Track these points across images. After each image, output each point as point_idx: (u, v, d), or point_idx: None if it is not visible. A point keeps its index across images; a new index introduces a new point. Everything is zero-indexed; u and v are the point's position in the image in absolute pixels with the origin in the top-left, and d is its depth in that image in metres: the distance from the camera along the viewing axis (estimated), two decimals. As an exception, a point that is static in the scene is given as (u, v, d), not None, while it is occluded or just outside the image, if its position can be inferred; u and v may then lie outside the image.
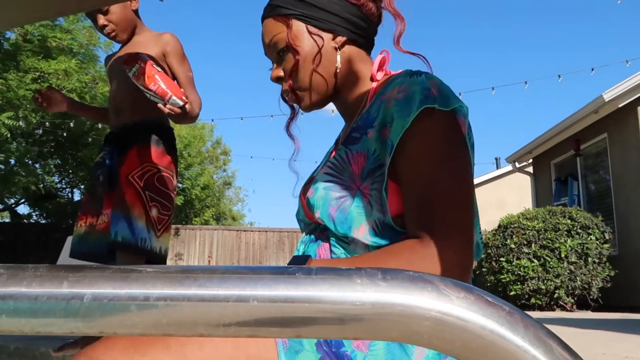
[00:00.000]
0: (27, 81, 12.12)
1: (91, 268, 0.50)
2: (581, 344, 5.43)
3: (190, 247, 19.85)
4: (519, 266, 11.58)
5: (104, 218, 3.05)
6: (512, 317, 0.48)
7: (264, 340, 1.23)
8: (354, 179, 1.33)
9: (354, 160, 1.35)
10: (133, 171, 3.03)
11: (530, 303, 11.60)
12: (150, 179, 3.05)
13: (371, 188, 1.29)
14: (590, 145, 13.78)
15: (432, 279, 0.49)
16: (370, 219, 1.28)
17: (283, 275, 0.49)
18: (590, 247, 11.32)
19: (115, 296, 0.48)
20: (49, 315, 0.48)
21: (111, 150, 3.18)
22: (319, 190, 1.38)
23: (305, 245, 1.44)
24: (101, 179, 3.12)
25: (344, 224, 1.30)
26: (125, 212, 2.96)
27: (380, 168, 1.30)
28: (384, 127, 1.31)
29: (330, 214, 1.33)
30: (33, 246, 18.51)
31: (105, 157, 3.18)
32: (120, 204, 2.98)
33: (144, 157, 3.07)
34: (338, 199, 1.32)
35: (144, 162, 3.06)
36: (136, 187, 3.01)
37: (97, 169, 3.20)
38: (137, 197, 3.00)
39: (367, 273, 0.49)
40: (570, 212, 11.82)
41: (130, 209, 2.97)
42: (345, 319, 0.48)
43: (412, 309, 0.47)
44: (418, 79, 1.31)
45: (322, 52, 1.46)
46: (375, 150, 1.31)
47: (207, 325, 0.48)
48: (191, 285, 0.49)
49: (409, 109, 1.26)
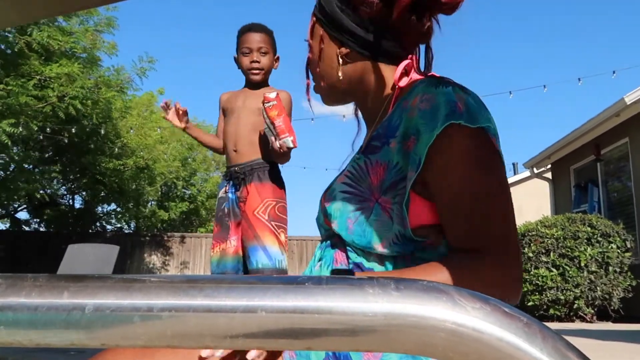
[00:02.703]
0: (29, 87, 12.14)
1: (93, 278, 0.50)
2: (601, 357, 5.40)
3: (196, 255, 19.89)
4: (537, 276, 11.53)
5: (233, 242, 3.85)
6: (530, 329, 0.47)
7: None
8: (373, 191, 1.33)
9: (373, 171, 1.35)
10: (257, 208, 3.78)
11: (548, 314, 11.55)
12: (272, 211, 3.79)
13: (393, 202, 1.29)
14: (611, 150, 13.73)
15: (447, 288, 0.49)
16: (391, 232, 1.28)
17: (292, 285, 0.49)
18: (611, 256, 11.26)
19: (117, 307, 0.48)
20: (49, 327, 0.48)
21: (232, 185, 3.93)
22: (336, 201, 1.39)
23: (322, 250, 1.45)
24: (226, 210, 3.90)
25: (363, 238, 1.31)
26: (260, 243, 3.71)
27: (402, 182, 1.30)
28: (407, 139, 1.31)
29: (348, 227, 1.33)
30: (33, 255, 18.55)
31: (228, 191, 3.94)
32: (255, 237, 3.74)
33: (264, 193, 3.81)
34: (355, 211, 1.33)
35: (264, 197, 3.80)
36: (263, 220, 3.75)
37: (222, 202, 3.96)
38: (267, 228, 3.74)
39: (380, 283, 0.49)
40: (590, 219, 11.77)
41: (263, 239, 3.71)
42: (357, 330, 0.48)
43: (426, 319, 0.47)
44: (444, 90, 1.30)
45: (325, 57, 1.55)
46: (398, 163, 1.31)
47: (213, 336, 0.48)
48: (197, 296, 0.48)
49: (434, 122, 1.25)
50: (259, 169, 3.85)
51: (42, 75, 12.72)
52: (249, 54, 3.89)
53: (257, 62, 3.89)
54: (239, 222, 3.86)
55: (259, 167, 3.85)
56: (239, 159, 3.90)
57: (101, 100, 14.33)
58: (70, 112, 13.08)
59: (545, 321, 11.03)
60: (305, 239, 19.81)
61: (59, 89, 12.81)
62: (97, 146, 16.86)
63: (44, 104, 12.78)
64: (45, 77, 12.77)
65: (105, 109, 15.02)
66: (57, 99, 12.87)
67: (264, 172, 3.85)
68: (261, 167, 3.86)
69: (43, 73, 12.69)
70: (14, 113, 12.10)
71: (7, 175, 15.80)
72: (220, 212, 3.94)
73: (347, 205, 1.35)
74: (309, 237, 19.85)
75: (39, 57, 12.75)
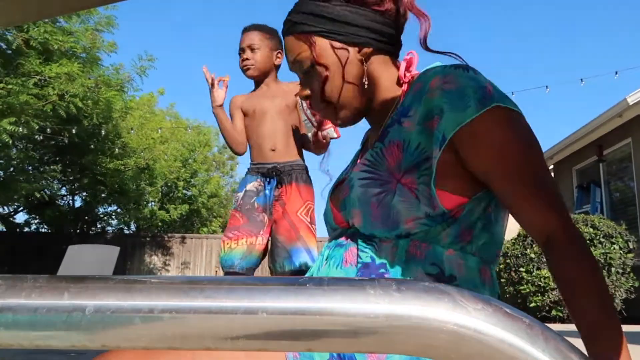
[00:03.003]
0: (30, 86, 12.13)
1: (93, 279, 0.50)
2: (605, 358, 5.37)
3: (197, 256, 19.87)
4: (539, 277, 11.52)
5: (263, 240, 3.88)
6: (532, 330, 0.47)
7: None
8: (392, 172, 1.34)
9: (387, 152, 1.37)
10: (300, 209, 3.82)
11: (551, 315, 11.55)
12: (312, 214, 3.87)
13: (418, 182, 1.30)
14: (613, 151, 13.72)
15: (449, 289, 0.49)
16: (418, 212, 1.29)
17: (293, 286, 0.49)
18: (613, 257, 11.25)
19: (118, 308, 0.48)
20: (49, 328, 0.48)
21: (266, 182, 3.98)
22: (355, 188, 1.39)
23: (330, 250, 1.45)
24: (256, 205, 3.93)
25: (388, 220, 1.31)
26: (304, 245, 3.75)
27: (426, 162, 1.31)
28: (429, 119, 1.32)
29: (372, 212, 1.33)
30: (33, 256, 18.53)
31: (260, 187, 3.98)
32: (299, 239, 3.77)
33: (305, 195, 3.88)
34: (379, 195, 1.33)
35: (305, 199, 3.87)
36: (306, 222, 3.81)
37: (251, 195, 3.96)
38: (309, 230, 3.81)
39: (381, 283, 0.49)
40: (593, 220, 11.76)
41: (307, 241, 3.77)
42: (358, 332, 0.48)
43: (428, 321, 0.47)
44: (468, 74, 1.32)
45: (349, 66, 1.46)
46: (420, 143, 1.32)
47: (214, 338, 0.48)
48: (197, 297, 0.48)
49: (462, 103, 1.27)
50: (299, 170, 3.95)
51: (42, 75, 12.71)
52: (242, 53, 4.00)
53: (247, 59, 3.97)
54: (272, 220, 3.91)
55: (299, 169, 3.95)
56: (278, 158, 3.97)
57: (101, 100, 14.31)
58: (71, 110, 13.05)
59: (547, 322, 11.02)
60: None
61: (59, 87, 12.79)
62: (97, 146, 16.84)
63: (44, 103, 12.78)
64: (45, 77, 12.76)
65: (105, 108, 14.99)
66: (58, 97, 12.85)
67: (302, 173, 3.95)
68: (301, 168, 3.97)
69: (43, 73, 12.68)
70: (15, 112, 12.10)
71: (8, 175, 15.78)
72: (248, 204, 3.94)
73: (368, 190, 1.35)
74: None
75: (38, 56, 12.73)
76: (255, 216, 3.91)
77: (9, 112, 12.02)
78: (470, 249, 1.33)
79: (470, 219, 1.32)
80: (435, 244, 1.31)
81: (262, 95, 4.09)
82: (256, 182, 3.99)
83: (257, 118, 4.06)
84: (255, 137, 4.07)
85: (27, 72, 12.54)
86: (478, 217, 1.33)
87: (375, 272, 1.31)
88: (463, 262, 1.31)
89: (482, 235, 1.34)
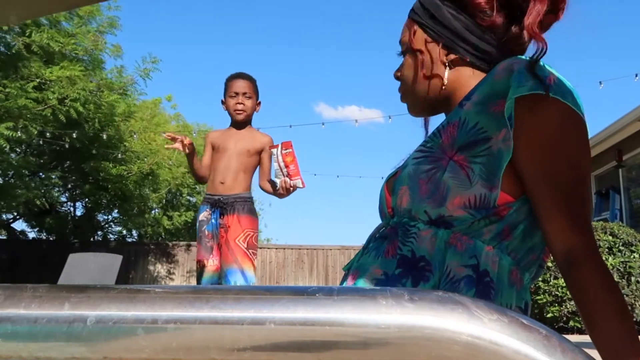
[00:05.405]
0: (29, 89, 12.14)
1: (95, 288, 0.50)
2: (625, 371, 5.35)
3: (202, 265, 19.85)
4: (556, 286, 11.48)
5: (215, 262, 4.72)
6: (549, 341, 0.47)
7: None
8: (444, 149, 1.37)
9: (444, 132, 1.40)
10: (238, 236, 4.63)
11: (568, 326, 11.50)
12: (250, 240, 4.67)
13: (472, 162, 1.32)
14: (633, 156, 13.65)
15: (463, 299, 0.49)
16: (469, 192, 1.31)
17: (302, 296, 0.49)
18: (633, 266, 11.20)
19: (120, 318, 0.48)
20: (49, 339, 0.48)
21: (213, 212, 4.77)
22: (407, 167, 1.43)
23: (376, 241, 1.48)
24: (206, 232, 4.77)
25: (435, 194, 1.33)
26: (239, 267, 4.57)
27: (485, 142, 1.32)
28: (493, 100, 1.34)
29: (420, 187, 1.37)
30: (33, 264, 18.54)
31: (209, 216, 4.78)
32: (235, 261, 4.58)
33: (244, 224, 4.67)
34: (429, 171, 1.36)
35: (244, 228, 4.66)
36: (242, 248, 4.62)
37: (203, 224, 4.80)
38: (245, 255, 4.62)
39: (393, 293, 0.49)
40: (612, 227, 11.71)
41: (242, 264, 4.58)
42: (369, 343, 0.47)
43: (441, 332, 0.47)
44: (537, 64, 1.33)
45: (431, 64, 1.52)
46: (478, 122, 1.34)
47: (219, 349, 0.48)
48: (203, 307, 0.48)
49: (521, 81, 1.28)
50: (241, 202, 4.75)
51: (42, 78, 12.73)
52: (235, 97, 4.78)
53: (242, 104, 4.78)
54: (219, 244, 4.75)
55: (242, 200, 4.76)
56: (223, 191, 4.78)
57: (104, 104, 14.31)
58: (71, 115, 13.04)
59: (565, 333, 10.98)
60: (316, 248, 19.77)
61: (59, 91, 12.80)
62: (99, 152, 16.82)
63: (43, 107, 12.79)
64: (45, 80, 12.77)
65: (107, 113, 14.97)
66: (58, 101, 12.85)
67: (244, 205, 4.76)
68: (243, 200, 4.77)
69: (43, 76, 12.69)
70: (13, 116, 12.11)
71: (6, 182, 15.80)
72: (201, 233, 4.82)
73: (419, 167, 1.39)
74: (319, 247, 19.82)
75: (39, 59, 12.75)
76: (206, 242, 4.79)
77: (7, 117, 12.03)
78: (507, 249, 1.34)
79: (515, 219, 1.33)
80: (477, 239, 1.33)
81: (232, 135, 4.89)
82: (206, 212, 4.83)
83: (219, 154, 4.87)
84: (213, 170, 4.90)
85: (27, 75, 12.56)
86: (522, 219, 1.34)
87: (414, 265, 1.34)
88: (498, 260, 1.33)
89: (521, 238, 1.35)
